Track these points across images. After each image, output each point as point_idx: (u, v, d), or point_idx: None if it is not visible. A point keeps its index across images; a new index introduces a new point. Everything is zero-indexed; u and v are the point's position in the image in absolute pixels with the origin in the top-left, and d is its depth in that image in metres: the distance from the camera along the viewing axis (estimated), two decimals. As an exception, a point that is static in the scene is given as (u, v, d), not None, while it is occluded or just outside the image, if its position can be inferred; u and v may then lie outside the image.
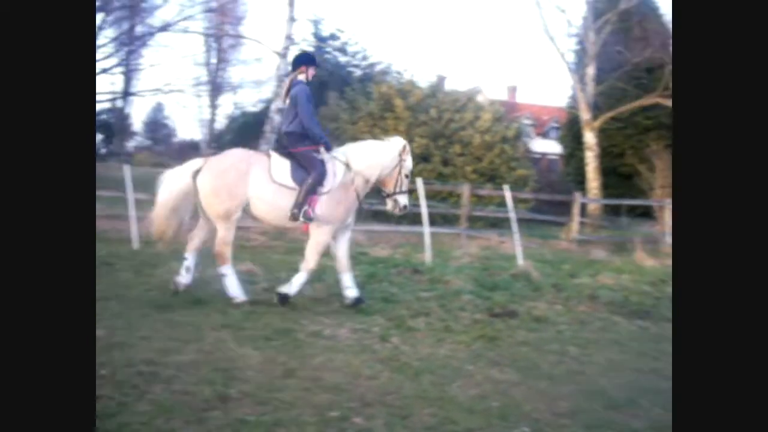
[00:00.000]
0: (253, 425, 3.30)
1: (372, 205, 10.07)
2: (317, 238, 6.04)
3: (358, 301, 6.11)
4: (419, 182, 11.10)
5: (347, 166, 6.11)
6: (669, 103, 19.82)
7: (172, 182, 5.93)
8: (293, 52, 12.27)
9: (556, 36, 21.85)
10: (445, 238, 12.46)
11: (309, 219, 5.83)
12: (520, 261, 9.99)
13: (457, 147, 15.27)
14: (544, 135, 41.21)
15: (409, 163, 6.37)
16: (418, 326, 5.71)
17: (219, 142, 34.54)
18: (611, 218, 18.65)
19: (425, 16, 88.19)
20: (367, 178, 6.19)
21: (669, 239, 13.62)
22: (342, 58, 28.22)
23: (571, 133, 30.39)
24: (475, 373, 4.51)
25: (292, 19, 18.46)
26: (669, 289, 8.43)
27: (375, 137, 8.74)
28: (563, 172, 31.93)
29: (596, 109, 21.42)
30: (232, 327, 5.15)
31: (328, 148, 6.15)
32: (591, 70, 20.77)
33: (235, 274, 6.01)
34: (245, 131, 29.10)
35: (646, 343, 5.73)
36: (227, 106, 43.89)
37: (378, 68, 25.08)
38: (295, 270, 6.22)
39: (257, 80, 37.49)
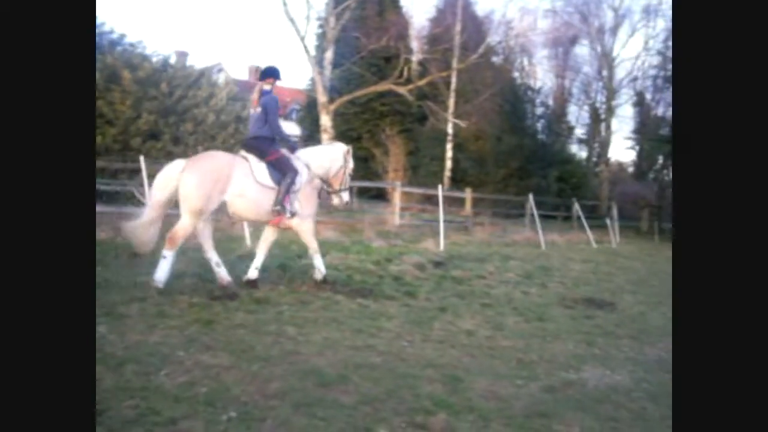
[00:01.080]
0: None
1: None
2: (305, 227, 7.09)
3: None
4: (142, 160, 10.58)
5: (307, 166, 7.03)
6: (403, 90, 21.21)
7: (164, 181, 6.40)
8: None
9: (296, 18, 22.12)
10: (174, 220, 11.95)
11: (293, 213, 6.80)
12: (248, 242, 9.95)
13: (189, 125, 14.75)
14: (286, 117, 41.73)
15: (351, 164, 7.51)
16: (130, 313, 5.37)
17: None
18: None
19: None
20: (321, 177, 7.28)
21: (397, 219, 14.60)
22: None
23: (310, 115, 31.16)
24: (185, 359, 4.34)
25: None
26: (392, 267, 9.03)
27: (98, 110, 8.25)
28: (303, 154, 32.58)
29: (335, 93, 22.16)
30: None
31: (294, 150, 7.12)
32: (329, 54, 21.41)
33: (171, 262, 6.32)
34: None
35: (364, 321, 6.02)
36: None
37: (108, 38, 23.22)
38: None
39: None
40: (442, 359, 5.03)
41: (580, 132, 40.13)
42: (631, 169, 39.17)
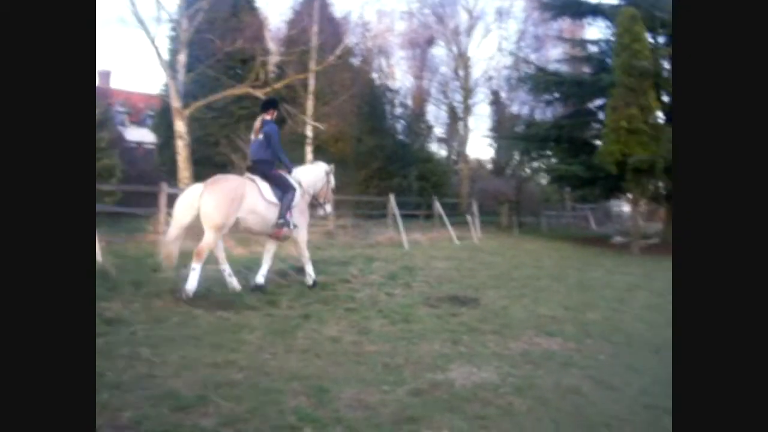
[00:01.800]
0: None
1: None
2: (300, 238, 8.31)
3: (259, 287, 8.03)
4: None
5: (300, 184, 8.19)
6: (260, 93, 20.81)
7: (186, 204, 7.26)
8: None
9: (146, 19, 21.06)
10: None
11: (295, 226, 8.01)
12: (99, 258, 9.31)
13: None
14: (140, 123, 39.86)
15: (332, 181, 8.80)
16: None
17: None
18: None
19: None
20: (310, 193, 8.46)
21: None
22: None
23: (164, 121, 29.88)
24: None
25: None
26: (252, 276, 8.76)
27: None
28: (157, 161, 31.29)
29: (190, 98, 21.38)
30: None
31: (290, 171, 8.22)
32: (183, 58, 20.60)
33: (199, 273, 7.17)
34: None
35: (224, 335, 5.78)
36: None
37: None
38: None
39: None
40: (307, 370, 4.89)
41: (439, 131, 41.37)
42: (489, 166, 40.80)
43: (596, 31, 44.53)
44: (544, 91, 22.28)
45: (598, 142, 18.07)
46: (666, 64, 18.66)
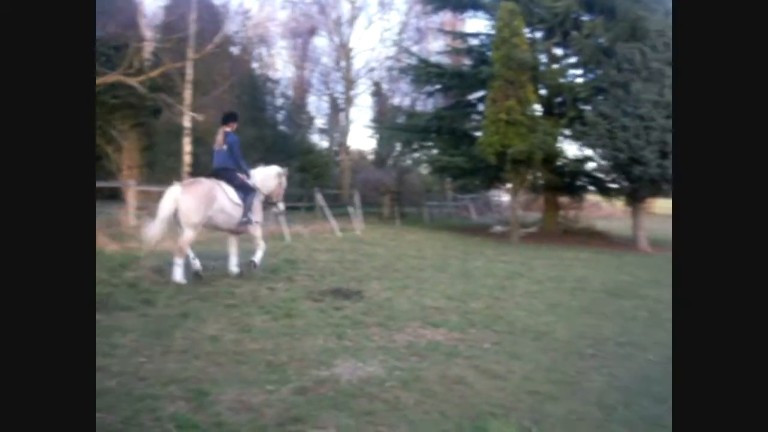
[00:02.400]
0: None
1: None
2: (256, 232, 9.39)
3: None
4: None
5: (257, 187, 9.36)
6: (134, 81, 19.83)
7: (168, 201, 8.24)
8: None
9: None
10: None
11: (256, 222, 9.30)
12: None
13: None
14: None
15: (284, 182, 9.99)
16: None
17: None
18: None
19: None
20: (264, 193, 9.58)
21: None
22: None
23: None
24: None
25: None
26: (127, 274, 8.30)
27: None
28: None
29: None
30: None
31: (249, 176, 9.30)
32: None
33: (183, 265, 8.30)
34: None
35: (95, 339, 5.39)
36: None
37: None
38: None
39: None
40: (185, 372, 4.64)
41: (320, 122, 41.11)
42: (371, 157, 41.03)
43: (477, 23, 45.75)
44: (425, 82, 22.59)
45: (478, 134, 18.53)
46: (543, 58, 19.41)
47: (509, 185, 18.23)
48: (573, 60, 19.42)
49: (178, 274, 8.16)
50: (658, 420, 4.44)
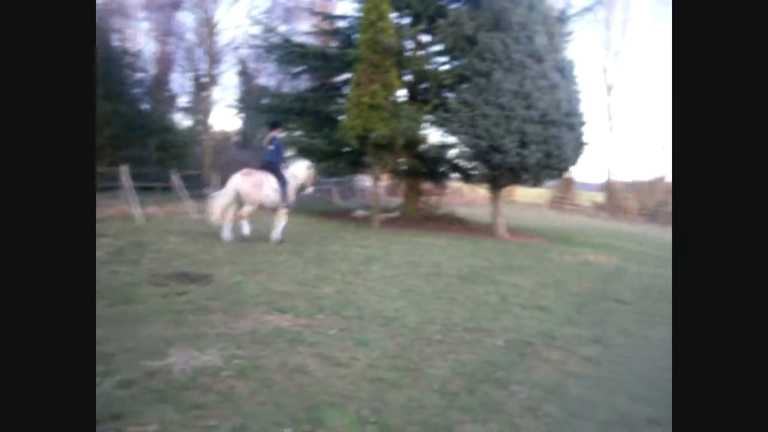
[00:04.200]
0: None
1: None
2: (285, 211, 12.39)
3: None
4: None
5: (294, 176, 12.60)
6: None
7: (229, 188, 11.89)
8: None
9: None
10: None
11: (292, 206, 12.75)
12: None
13: None
14: None
15: (312, 173, 13.21)
16: None
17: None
18: None
19: None
20: (298, 182, 12.69)
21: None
22: None
23: None
24: None
25: None
26: None
27: None
28: None
29: None
30: None
31: (287, 168, 12.69)
32: None
33: (244, 227, 11.78)
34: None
35: None
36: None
37: None
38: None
39: None
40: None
41: (183, 100, 39.53)
42: (236, 138, 40.00)
43: (346, 6, 45.58)
44: (289, 63, 22.11)
45: (342, 117, 18.40)
46: (409, 44, 19.54)
47: (372, 169, 18.23)
48: (438, 47, 19.68)
49: (245, 229, 11.78)
50: (498, 406, 4.50)
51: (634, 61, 75.01)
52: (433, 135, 19.51)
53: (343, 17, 23.20)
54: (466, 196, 32.14)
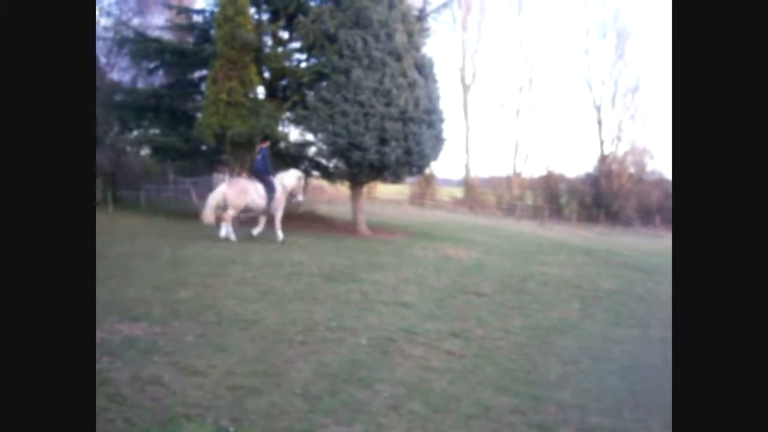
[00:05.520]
0: None
1: None
2: (278, 215, 14.00)
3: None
4: None
5: (282, 184, 14.10)
6: None
7: (217, 193, 13.62)
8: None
9: None
10: None
11: (275, 210, 13.92)
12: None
13: None
14: None
15: (302, 181, 14.88)
16: None
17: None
18: None
19: None
20: (287, 189, 14.23)
21: None
22: None
23: None
24: None
25: None
26: None
27: None
28: None
29: None
30: None
31: (274, 176, 14.13)
32: None
33: (230, 228, 13.27)
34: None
35: None
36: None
37: None
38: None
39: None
40: None
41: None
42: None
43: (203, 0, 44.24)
44: (143, 58, 21.13)
45: (199, 114, 17.79)
46: (269, 40, 19.20)
47: (230, 168, 17.76)
48: (298, 44, 19.49)
49: (224, 232, 13.21)
50: (362, 406, 4.47)
51: (489, 62, 78.24)
52: (293, 133, 19.32)
53: (199, 11, 22.47)
54: (327, 194, 32.14)
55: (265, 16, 19.48)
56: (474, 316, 7.86)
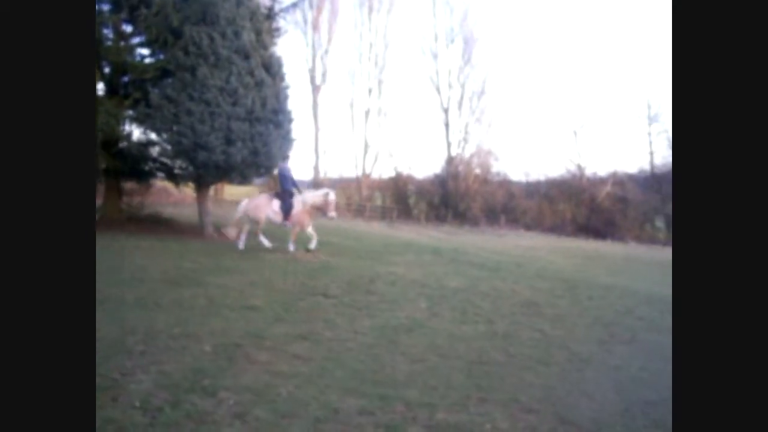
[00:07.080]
0: None
1: None
2: (305, 228, 15.07)
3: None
4: None
5: (303, 201, 15.06)
6: None
7: (241, 208, 15.29)
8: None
9: None
10: None
11: (293, 224, 15.08)
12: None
13: None
14: None
15: (332, 197, 15.24)
16: None
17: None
18: None
19: None
20: (312, 206, 15.10)
21: None
22: None
23: None
24: None
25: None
26: None
27: None
28: None
29: None
30: None
31: (300, 193, 15.52)
32: None
33: (263, 237, 15.02)
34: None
35: None
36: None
37: None
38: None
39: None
40: None
41: None
42: None
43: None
44: None
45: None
46: (109, 33, 18.18)
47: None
48: (141, 38, 18.60)
49: (264, 242, 14.95)
50: (205, 417, 4.35)
51: (340, 63, 78.88)
52: (136, 132, 18.41)
53: None
54: (173, 196, 30.96)
55: (105, 7, 18.44)
56: (322, 318, 7.86)
